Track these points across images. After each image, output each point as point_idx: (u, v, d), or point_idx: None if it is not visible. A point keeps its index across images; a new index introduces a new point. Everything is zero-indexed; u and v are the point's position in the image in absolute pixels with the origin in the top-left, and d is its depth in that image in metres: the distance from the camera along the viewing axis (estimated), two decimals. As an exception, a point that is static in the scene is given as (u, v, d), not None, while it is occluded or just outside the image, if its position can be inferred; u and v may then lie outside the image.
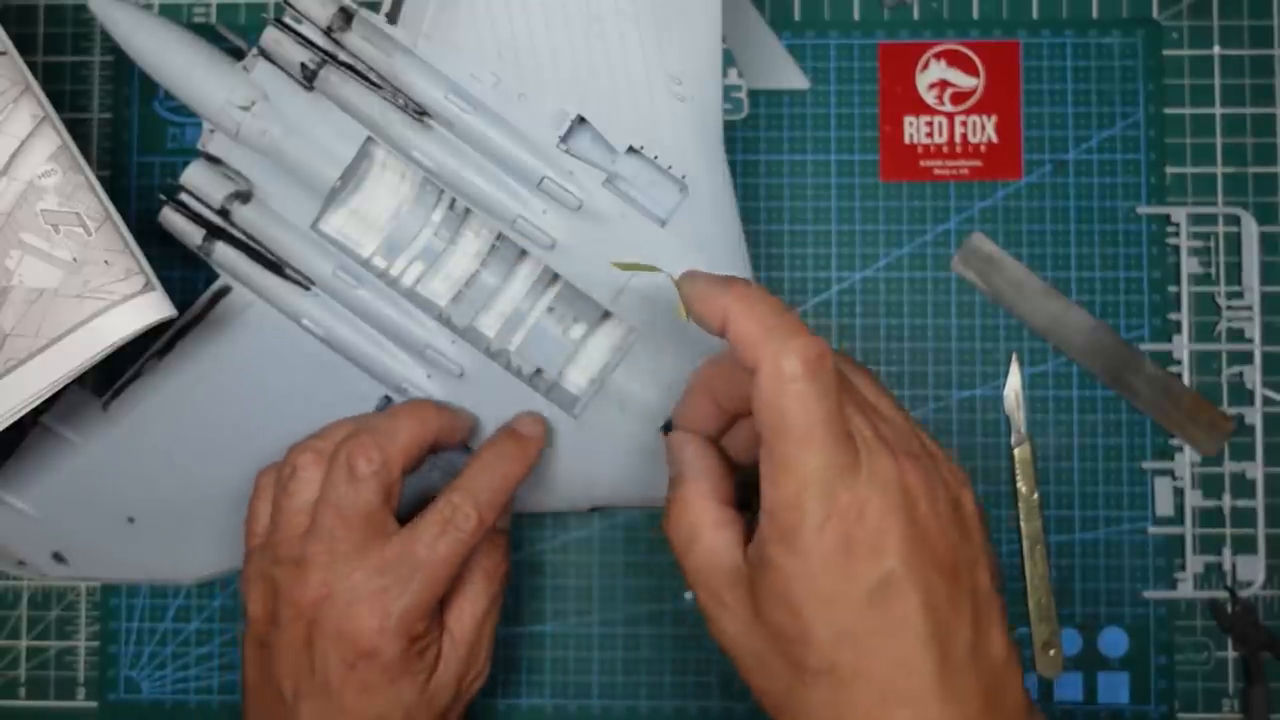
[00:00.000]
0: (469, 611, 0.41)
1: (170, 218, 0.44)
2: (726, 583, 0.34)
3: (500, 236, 0.43)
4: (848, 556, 0.31)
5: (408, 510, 0.40)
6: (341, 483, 0.39)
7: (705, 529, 0.35)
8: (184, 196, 0.44)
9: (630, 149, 0.42)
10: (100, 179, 0.40)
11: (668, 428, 0.42)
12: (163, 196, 0.44)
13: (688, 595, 0.48)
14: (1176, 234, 0.48)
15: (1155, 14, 0.48)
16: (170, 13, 0.49)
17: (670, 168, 0.42)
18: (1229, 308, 0.48)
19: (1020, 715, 0.32)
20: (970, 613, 0.32)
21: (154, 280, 0.38)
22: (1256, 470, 0.47)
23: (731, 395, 0.37)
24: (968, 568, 0.33)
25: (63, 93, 0.49)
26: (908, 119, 0.48)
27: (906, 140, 0.48)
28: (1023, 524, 0.47)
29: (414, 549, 0.39)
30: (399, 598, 0.38)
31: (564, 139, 0.42)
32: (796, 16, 0.49)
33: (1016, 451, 0.47)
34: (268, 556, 0.40)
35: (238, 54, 0.44)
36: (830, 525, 0.31)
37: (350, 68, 0.42)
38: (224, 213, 0.43)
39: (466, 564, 0.41)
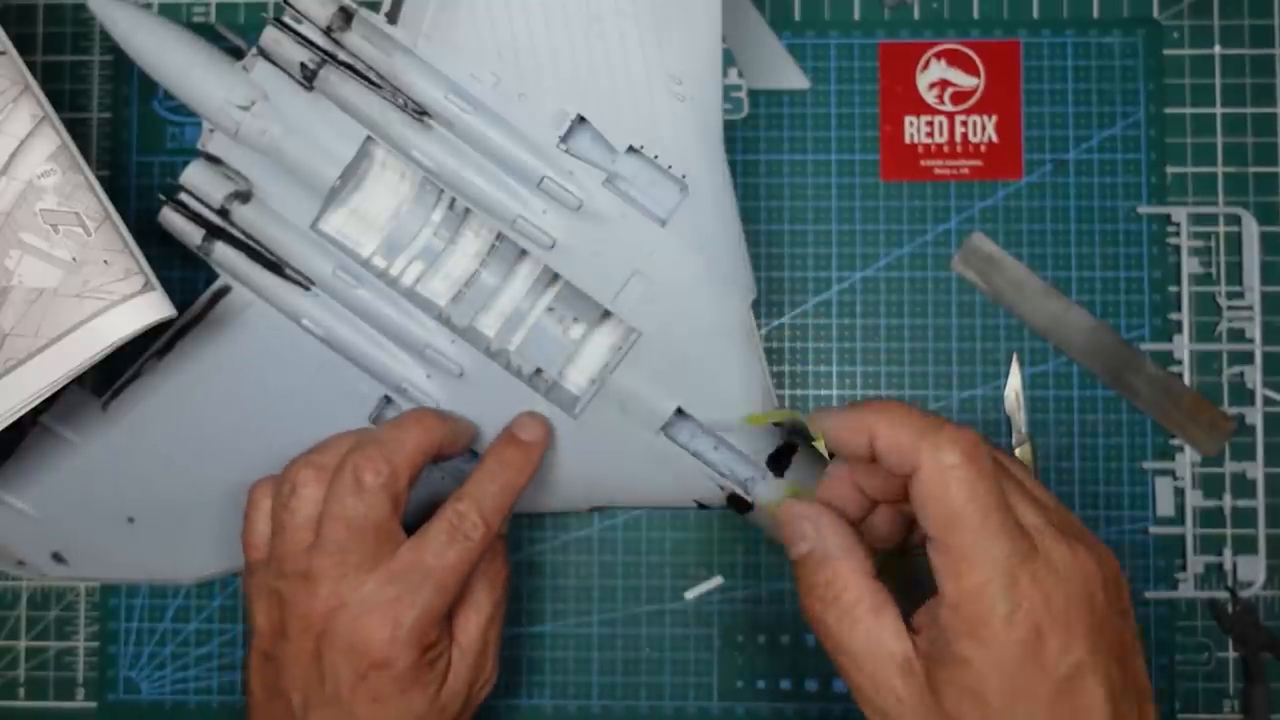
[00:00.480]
0: (474, 620, 0.41)
1: (170, 217, 0.44)
2: (899, 673, 0.33)
3: (500, 236, 0.43)
4: (1039, 647, 0.31)
5: (413, 518, 0.40)
6: (348, 495, 0.38)
7: (865, 613, 0.34)
8: (183, 196, 0.44)
9: (630, 149, 0.42)
10: (99, 179, 0.40)
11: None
12: (162, 196, 0.44)
13: (688, 595, 0.48)
14: (1177, 234, 0.48)
15: (1156, 13, 0.48)
16: (169, 12, 0.49)
17: (670, 168, 0.42)
18: (1230, 307, 0.48)
19: None
20: (1136, 700, 0.33)
21: (153, 280, 0.38)
22: (1257, 470, 0.47)
23: (879, 485, 0.37)
24: (1131, 652, 0.33)
25: (62, 92, 0.49)
26: (908, 119, 0.48)
27: (907, 140, 0.48)
28: (1023, 524, 0.47)
29: (423, 558, 0.39)
30: (410, 607, 0.38)
31: (564, 139, 0.42)
32: (797, 16, 0.49)
33: (1017, 452, 0.47)
34: (272, 571, 0.40)
35: (237, 53, 0.44)
36: (1020, 616, 0.31)
37: (350, 67, 0.42)
38: (223, 212, 0.43)
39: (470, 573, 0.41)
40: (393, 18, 0.42)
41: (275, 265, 0.43)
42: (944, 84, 0.48)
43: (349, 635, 0.38)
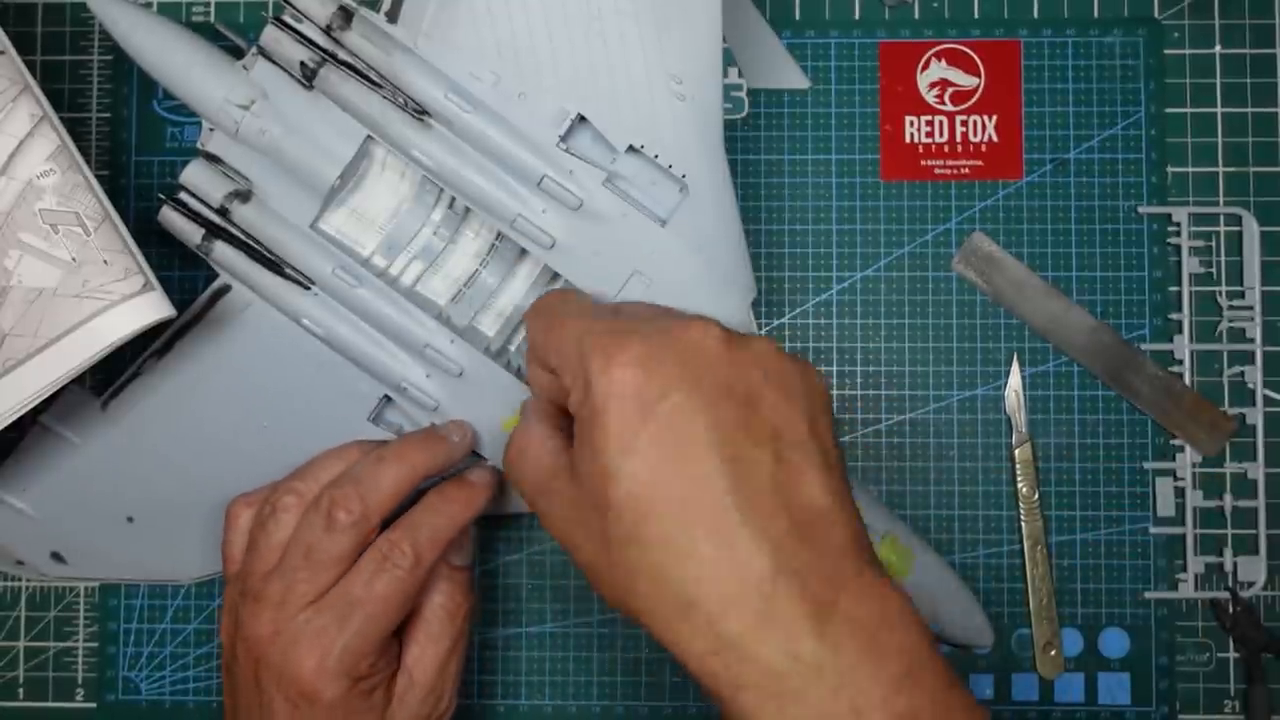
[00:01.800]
0: (431, 652, 0.41)
1: (169, 217, 0.44)
2: (550, 473, 0.35)
3: (500, 236, 0.43)
4: (636, 399, 0.32)
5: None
6: (318, 529, 0.39)
7: (533, 445, 0.36)
8: (183, 195, 0.44)
9: (630, 148, 0.42)
10: (99, 178, 0.40)
11: None
12: (162, 196, 0.44)
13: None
14: (1178, 233, 0.48)
15: (1156, 13, 0.48)
16: (169, 11, 0.49)
17: (670, 167, 0.42)
18: (1230, 307, 0.48)
19: (848, 560, 0.32)
20: (771, 445, 0.32)
21: (153, 280, 0.38)
22: (1258, 470, 0.47)
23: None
24: (772, 411, 0.33)
25: (61, 92, 0.49)
26: (908, 118, 0.48)
27: (907, 140, 0.48)
28: (1024, 524, 0.47)
29: (351, 588, 0.39)
30: (337, 637, 0.38)
31: (564, 138, 0.42)
32: (797, 15, 0.49)
33: (1017, 452, 0.47)
34: (236, 588, 0.41)
35: (237, 52, 0.43)
36: (613, 374, 0.32)
37: (350, 66, 0.42)
38: (223, 212, 0.43)
39: (426, 604, 0.41)
40: (393, 17, 0.42)
41: (275, 265, 0.43)
42: (944, 83, 0.48)
43: (280, 664, 0.38)
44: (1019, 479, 0.47)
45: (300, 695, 0.38)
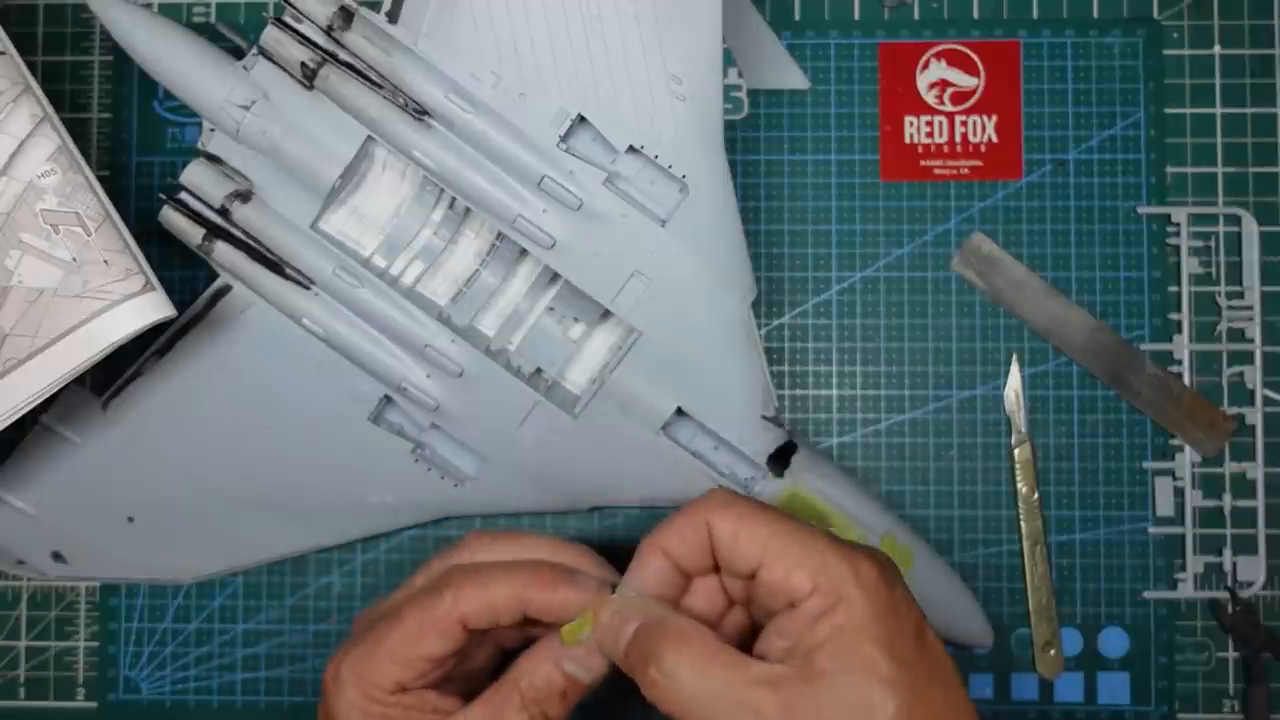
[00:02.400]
0: None
1: (170, 217, 0.44)
2: (755, 684, 0.33)
3: (500, 236, 0.43)
4: (892, 613, 0.34)
5: None
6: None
7: (719, 661, 0.34)
8: (184, 196, 0.44)
9: (630, 148, 0.42)
10: (100, 179, 0.40)
11: None
12: (163, 196, 0.44)
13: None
14: (1177, 234, 0.48)
15: (1156, 13, 0.48)
16: (170, 12, 0.49)
17: (670, 167, 0.42)
18: (1229, 308, 0.48)
19: None
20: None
21: (154, 280, 0.38)
22: (1257, 470, 0.47)
23: (694, 554, 0.36)
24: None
25: (62, 92, 0.49)
26: (908, 119, 0.48)
27: (907, 140, 0.48)
28: (1023, 524, 0.47)
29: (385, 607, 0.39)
30: (351, 648, 0.37)
31: (564, 138, 0.42)
32: (796, 16, 0.49)
33: (1017, 451, 0.47)
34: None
35: (238, 53, 0.44)
36: (868, 589, 0.34)
37: (350, 67, 0.42)
38: (224, 212, 0.43)
39: (510, 680, 0.37)
40: (393, 17, 0.42)
41: (275, 265, 0.43)
42: (944, 84, 0.48)
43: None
44: (1018, 479, 0.47)
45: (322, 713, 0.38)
